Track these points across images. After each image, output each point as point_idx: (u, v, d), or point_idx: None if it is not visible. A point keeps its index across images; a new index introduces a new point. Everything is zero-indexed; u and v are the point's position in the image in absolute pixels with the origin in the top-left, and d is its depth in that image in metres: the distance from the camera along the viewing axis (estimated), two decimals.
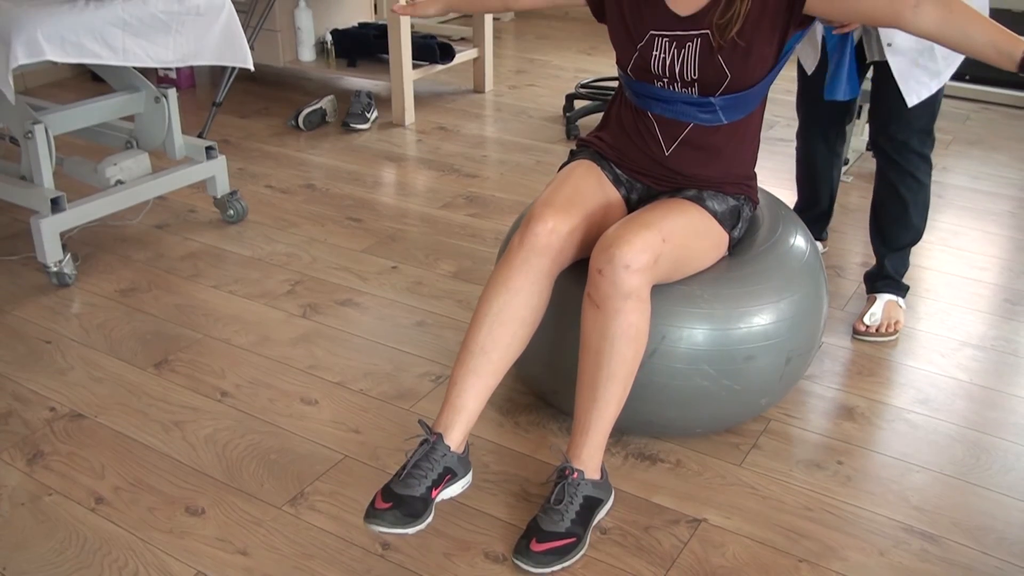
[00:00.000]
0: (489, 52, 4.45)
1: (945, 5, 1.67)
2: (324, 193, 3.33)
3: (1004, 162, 3.64)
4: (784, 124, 3.95)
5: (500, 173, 3.53)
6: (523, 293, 1.79)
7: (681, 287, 1.88)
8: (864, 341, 2.42)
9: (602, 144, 2.04)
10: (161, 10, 2.52)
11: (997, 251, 2.95)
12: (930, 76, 2.24)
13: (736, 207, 1.97)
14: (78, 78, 4.54)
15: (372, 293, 2.64)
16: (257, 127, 4.00)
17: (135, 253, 2.87)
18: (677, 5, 1.87)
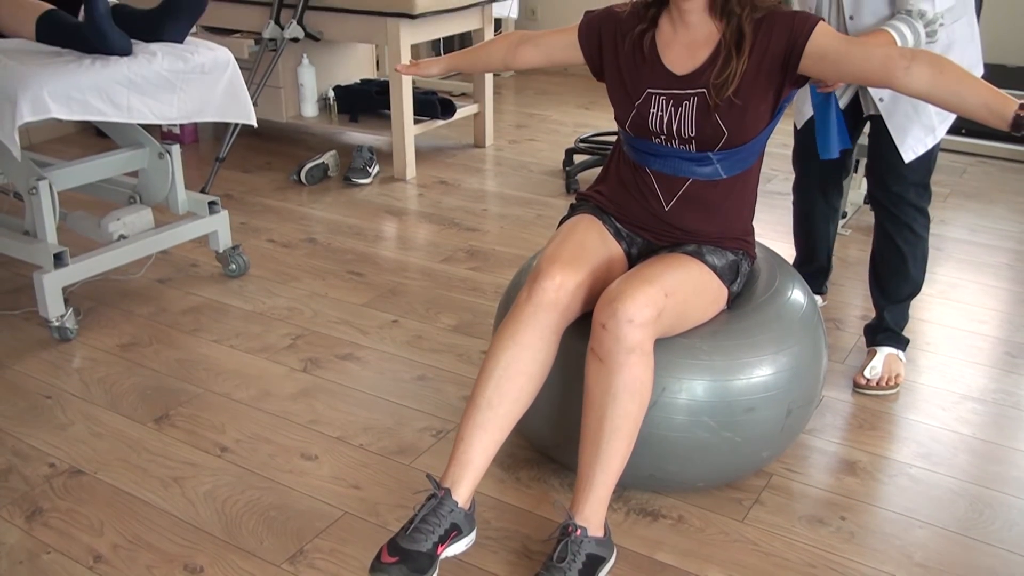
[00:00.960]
0: (489, 107, 4.50)
1: (936, 66, 1.70)
2: (325, 247, 3.35)
3: (1001, 215, 3.67)
4: (782, 178, 3.98)
5: (500, 227, 3.55)
6: (531, 348, 1.80)
7: (681, 339, 1.89)
8: (865, 395, 2.42)
9: (602, 198, 2.07)
10: (166, 69, 2.56)
11: (996, 303, 2.95)
12: (925, 131, 2.27)
13: (735, 262, 1.99)
14: (82, 133, 4.59)
15: (373, 347, 2.65)
16: (260, 181, 4.04)
17: (137, 307, 2.88)
18: (674, 64, 1.90)
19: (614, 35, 1.97)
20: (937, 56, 1.74)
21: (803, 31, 1.79)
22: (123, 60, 2.49)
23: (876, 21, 2.16)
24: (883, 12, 2.16)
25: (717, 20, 1.85)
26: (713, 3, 1.84)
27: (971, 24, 2.28)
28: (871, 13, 2.18)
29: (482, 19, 4.25)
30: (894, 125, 2.27)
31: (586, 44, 2.03)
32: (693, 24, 1.87)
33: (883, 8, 2.16)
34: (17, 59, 2.43)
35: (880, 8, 2.16)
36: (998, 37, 4.38)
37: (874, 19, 2.17)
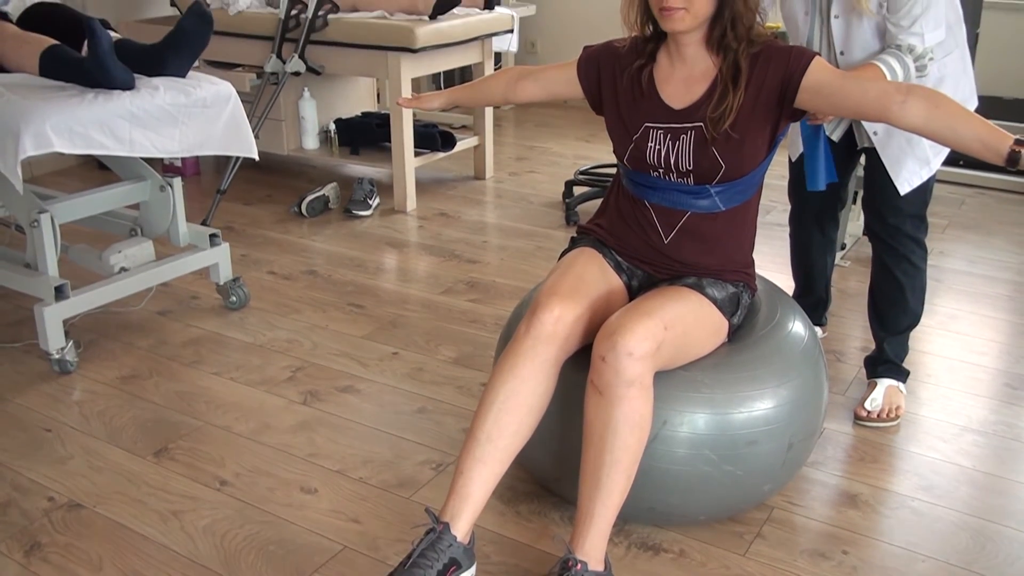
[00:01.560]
0: (489, 140, 4.53)
1: (931, 100, 1.72)
2: (326, 279, 3.36)
3: (1000, 246, 3.68)
4: (781, 209, 3.99)
5: (501, 259, 3.56)
6: (530, 381, 1.80)
7: (682, 372, 1.89)
8: (866, 427, 2.41)
9: (602, 232, 2.07)
10: (168, 103, 2.58)
11: (996, 335, 2.96)
12: (920, 164, 2.28)
13: (735, 294, 1.99)
14: (84, 166, 4.61)
15: (373, 379, 2.65)
16: (261, 214, 4.05)
17: (137, 339, 2.88)
18: (671, 98, 1.91)
19: (612, 70, 1.99)
20: (932, 91, 1.75)
21: (799, 66, 1.80)
22: (125, 94, 2.51)
23: (866, 56, 2.18)
24: (873, 47, 2.18)
25: (714, 55, 1.87)
26: (709, 38, 1.86)
27: (963, 58, 2.31)
28: (861, 49, 2.20)
29: (482, 53, 4.28)
30: (889, 158, 2.28)
31: (585, 79, 2.05)
32: (690, 59, 1.89)
33: (873, 44, 2.18)
34: (20, 93, 2.45)
35: (870, 44, 2.18)
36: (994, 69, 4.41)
37: (864, 54, 2.20)
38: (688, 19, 1.81)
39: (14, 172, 2.34)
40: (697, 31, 1.85)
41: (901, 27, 2.09)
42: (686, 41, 1.87)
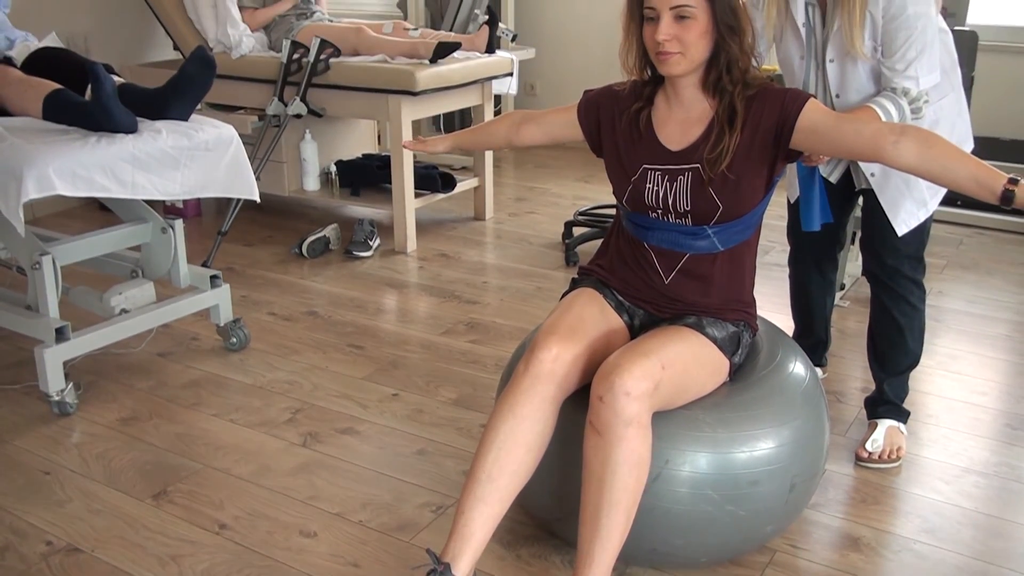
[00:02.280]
0: (489, 181, 4.56)
1: (925, 141, 1.74)
2: (326, 320, 3.36)
3: (999, 286, 3.68)
4: (780, 250, 4.01)
5: (501, 299, 3.57)
6: (529, 420, 1.80)
7: (683, 411, 1.89)
8: (867, 468, 2.40)
9: (603, 272, 2.09)
10: (171, 146, 2.60)
11: (996, 375, 2.95)
12: (917, 205, 2.29)
13: (736, 333, 2.00)
14: (86, 207, 4.63)
15: (373, 421, 2.64)
16: (261, 255, 4.07)
17: (137, 381, 2.88)
18: (669, 140, 1.94)
19: (612, 112, 2.02)
20: (926, 131, 1.78)
21: (794, 107, 1.83)
22: (128, 137, 2.53)
23: (862, 99, 2.20)
24: (869, 90, 2.20)
25: (710, 97, 1.90)
26: (706, 81, 1.89)
27: (959, 101, 2.33)
28: (857, 91, 2.22)
29: (482, 96, 4.32)
30: (886, 199, 2.29)
31: (585, 122, 2.07)
32: (687, 101, 1.92)
33: (869, 86, 2.20)
34: (24, 137, 2.47)
35: (866, 86, 2.21)
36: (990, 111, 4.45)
37: (860, 97, 2.21)
38: (684, 63, 1.84)
39: (16, 215, 2.35)
40: (693, 74, 1.88)
41: (896, 71, 2.11)
42: (683, 84, 1.90)
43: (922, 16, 2.07)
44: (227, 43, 4.25)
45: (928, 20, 2.09)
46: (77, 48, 4.32)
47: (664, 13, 1.80)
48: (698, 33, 1.81)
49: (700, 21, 1.81)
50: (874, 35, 2.13)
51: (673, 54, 1.82)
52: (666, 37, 1.81)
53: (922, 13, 2.07)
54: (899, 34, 2.09)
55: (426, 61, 3.97)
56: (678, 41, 1.81)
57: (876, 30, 2.12)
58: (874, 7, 2.09)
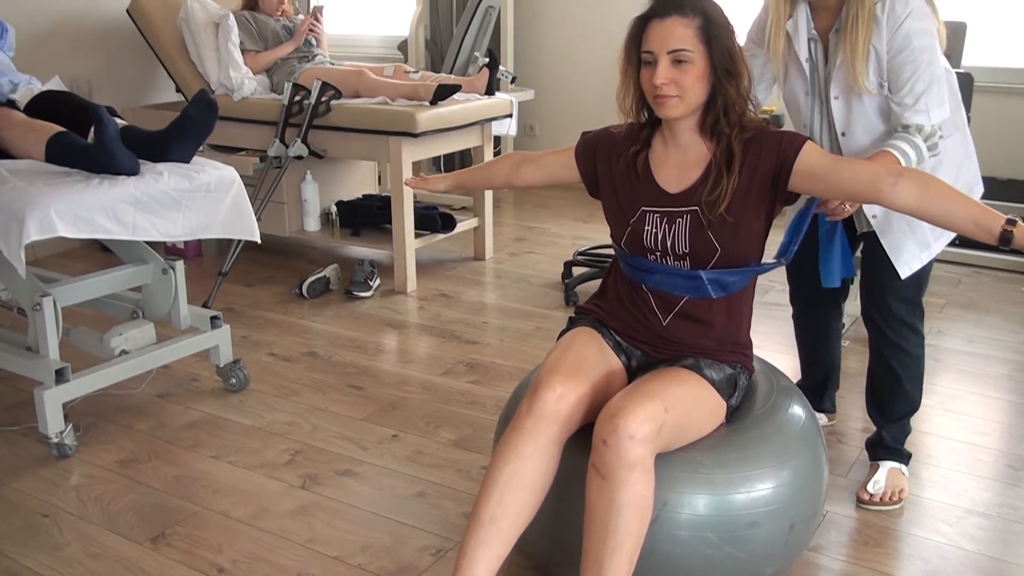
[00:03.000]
0: (489, 221, 4.58)
1: (923, 182, 1.76)
2: (326, 361, 3.36)
3: (998, 325, 3.69)
4: (779, 289, 4.01)
5: (500, 339, 3.57)
6: (532, 460, 1.79)
7: (681, 453, 1.88)
8: (868, 510, 2.39)
9: (601, 312, 2.09)
10: (172, 188, 2.61)
11: (996, 415, 2.95)
12: (920, 247, 2.27)
13: (733, 376, 2.00)
14: (87, 247, 4.65)
15: (372, 463, 2.63)
16: (262, 295, 4.07)
17: (136, 423, 2.87)
18: (667, 182, 1.95)
19: (609, 155, 2.03)
20: (923, 173, 1.79)
21: (791, 150, 1.84)
22: (130, 179, 2.55)
23: (868, 137, 2.19)
24: (876, 128, 2.18)
25: (708, 140, 1.92)
26: (703, 124, 1.90)
27: (964, 143, 2.30)
28: (863, 130, 2.20)
29: (481, 137, 4.36)
30: (888, 241, 2.27)
31: (582, 163, 2.08)
32: (685, 144, 1.93)
33: (876, 124, 2.18)
34: (26, 179, 2.49)
35: (872, 124, 2.18)
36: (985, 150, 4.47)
37: (866, 135, 2.20)
38: (682, 106, 1.85)
39: (18, 257, 2.36)
40: (691, 117, 1.90)
41: (905, 105, 2.07)
42: (680, 127, 1.91)
43: (927, 49, 2.05)
44: (229, 85, 4.30)
45: (934, 53, 2.07)
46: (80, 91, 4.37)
47: (662, 57, 1.82)
48: (695, 77, 1.83)
49: (697, 65, 1.83)
50: (879, 71, 2.10)
51: (671, 97, 1.84)
52: (664, 81, 1.82)
53: (927, 46, 2.05)
54: (905, 68, 2.06)
55: (426, 103, 4.01)
56: (675, 85, 1.83)
57: (881, 65, 2.09)
58: (878, 41, 2.07)
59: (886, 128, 2.17)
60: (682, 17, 1.82)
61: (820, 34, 2.20)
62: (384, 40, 6.50)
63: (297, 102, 4.07)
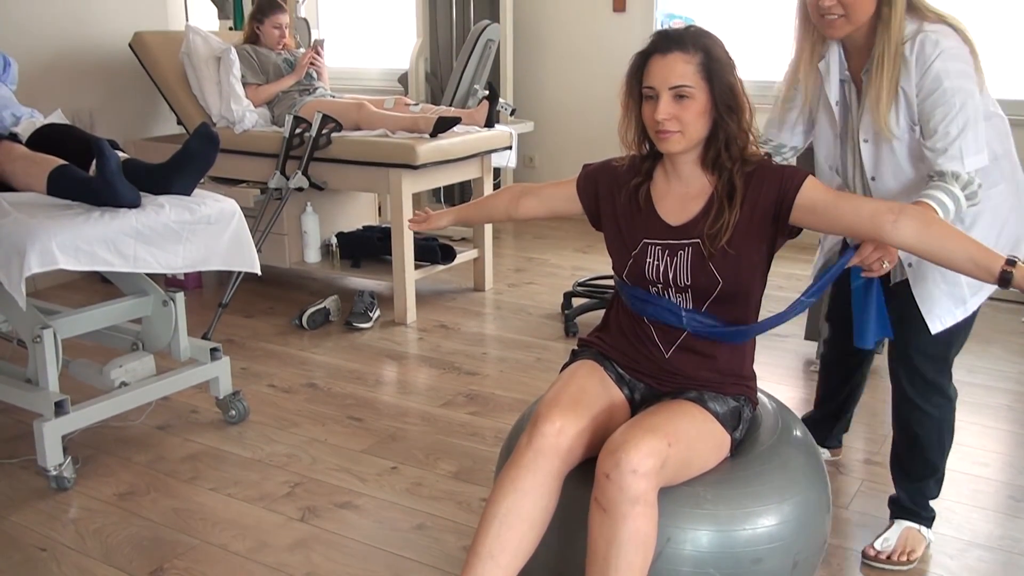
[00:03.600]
0: (489, 252, 4.59)
1: (923, 220, 1.76)
2: (326, 392, 3.35)
3: (998, 355, 3.68)
4: None
5: (500, 371, 3.56)
6: (532, 494, 1.79)
7: (685, 487, 1.87)
8: (872, 567, 2.28)
9: (603, 345, 2.09)
10: (173, 220, 2.62)
11: (997, 446, 2.94)
12: (955, 303, 2.12)
13: (737, 408, 1.99)
14: (87, 279, 4.65)
15: (371, 495, 2.62)
16: (262, 326, 4.07)
17: (135, 455, 2.87)
18: (668, 215, 1.96)
19: (611, 187, 2.04)
20: (924, 211, 1.80)
21: (793, 184, 1.85)
22: (131, 212, 2.56)
23: (898, 182, 2.10)
24: (905, 173, 2.09)
25: (709, 173, 1.92)
26: (705, 158, 1.91)
27: (1016, 193, 2.13)
28: (893, 175, 2.11)
29: (481, 169, 4.37)
30: (921, 293, 2.12)
31: (584, 196, 2.09)
32: (686, 177, 1.94)
33: (906, 170, 2.08)
34: (27, 212, 2.50)
35: (902, 169, 2.09)
36: None
37: (896, 180, 2.10)
38: (683, 141, 1.87)
39: (18, 289, 2.36)
40: (693, 151, 1.91)
41: (937, 150, 1.95)
42: (682, 161, 1.92)
43: (960, 91, 1.95)
44: (230, 118, 4.32)
45: (968, 95, 1.95)
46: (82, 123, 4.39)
47: (663, 92, 1.84)
48: (697, 112, 1.84)
49: (699, 101, 1.84)
50: (910, 113, 2.01)
51: (672, 132, 1.85)
52: (665, 116, 1.84)
53: (959, 88, 1.95)
54: (936, 111, 1.95)
55: (427, 135, 4.03)
56: (677, 120, 1.84)
57: (911, 108, 2.00)
58: (906, 82, 1.98)
59: (917, 174, 2.07)
60: (683, 53, 1.83)
61: (853, 75, 2.13)
62: (385, 73, 6.55)
63: (298, 134, 4.09)
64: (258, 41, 4.54)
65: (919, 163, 2.05)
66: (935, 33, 1.96)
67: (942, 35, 1.96)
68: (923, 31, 1.97)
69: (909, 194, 2.02)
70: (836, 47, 2.13)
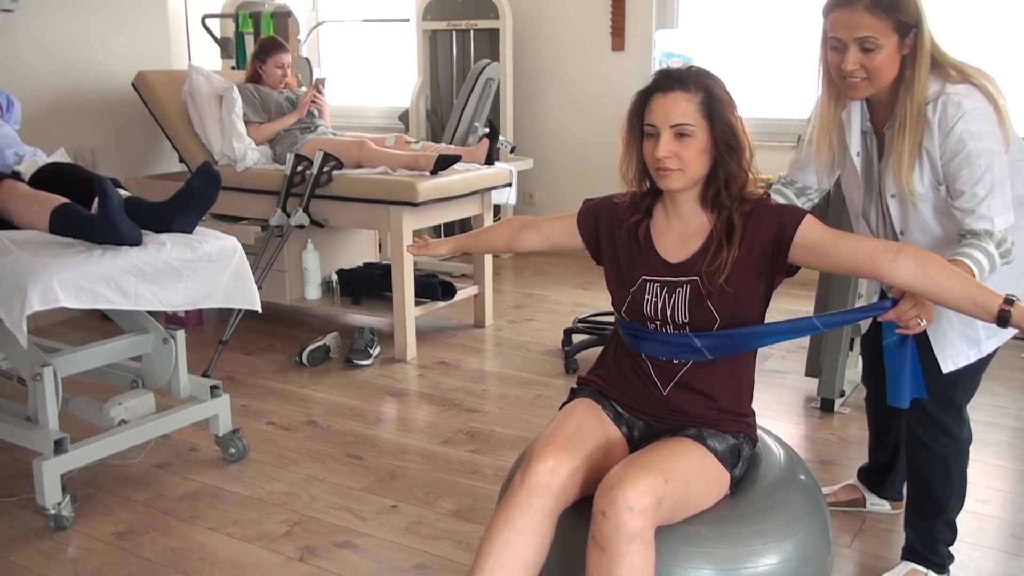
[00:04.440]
0: (489, 288, 4.59)
1: (921, 259, 1.77)
2: (325, 430, 3.35)
3: (998, 391, 3.68)
4: (779, 356, 4.02)
5: (500, 408, 3.56)
6: (525, 533, 1.78)
7: (684, 526, 1.86)
8: None
9: (602, 383, 2.09)
10: (174, 258, 2.63)
11: (999, 483, 2.93)
12: (969, 344, 2.11)
13: (736, 445, 1.99)
14: (87, 316, 4.65)
15: (371, 534, 2.61)
16: (262, 363, 4.07)
17: (134, 493, 2.85)
18: (667, 252, 1.97)
19: (611, 223, 2.05)
20: (922, 250, 1.81)
21: (791, 223, 1.86)
22: (133, 250, 2.57)
23: (927, 238, 2.08)
24: (933, 229, 2.07)
25: (708, 211, 1.94)
26: (704, 196, 1.93)
27: None
28: (921, 231, 2.09)
29: (481, 206, 4.39)
30: (935, 332, 2.08)
31: (584, 231, 2.11)
32: (686, 215, 1.95)
33: (933, 225, 2.07)
34: (29, 250, 2.51)
35: (930, 225, 2.07)
36: None
37: (924, 236, 2.08)
38: (683, 179, 1.88)
39: (19, 328, 2.37)
40: (692, 189, 1.92)
41: (966, 211, 1.93)
42: (682, 199, 1.94)
43: (984, 151, 1.92)
44: (232, 156, 4.35)
45: (993, 155, 1.93)
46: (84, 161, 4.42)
47: (664, 130, 1.86)
48: (697, 151, 1.86)
49: (699, 139, 1.86)
50: (934, 173, 1.99)
51: (672, 170, 1.87)
52: (666, 154, 1.85)
53: (984, 149, 1.92)
54: (962, 172, 1.93)
55: (427, 173, 4.05)
56: (677, 158, 1.86)
57: (936, 168, 1.98)
58: (930, 144, 1.96)
59: (944, 231, 2.05)
60: (685, 92, 1.85)
61: (875, 127, 2.12)
62: (386, 111, 6.61)
63: (299, 172, 4.12)
64: (260, 80, 4.58)
65: (946, 220, 2.04)
66: (957, 95, 1.94)
67: (964, 96, 1.94)
68: (945, 92, 1.95)
69: (939, 250, 1.97)
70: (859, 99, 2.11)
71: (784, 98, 5.21)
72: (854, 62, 1.96)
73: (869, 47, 1.94)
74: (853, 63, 1.96)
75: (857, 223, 2.28)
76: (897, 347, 1.95)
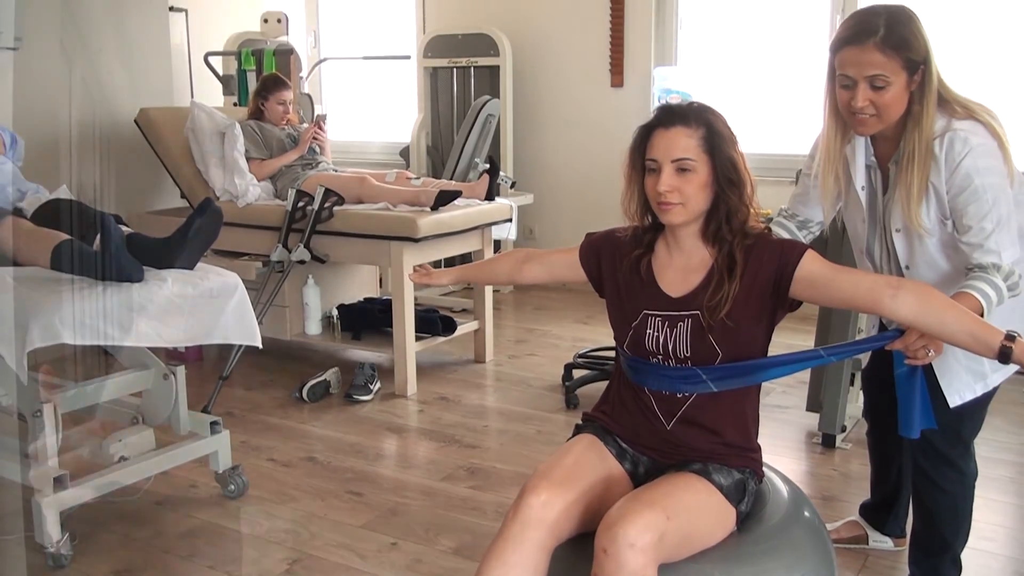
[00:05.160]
0: (489, 323, 4.59)
1: (922, 295, 1.78)
2: (325, 466, 3.33)
3: (1000, 426, 3.66)
4: (780, 391, 4.01)
5: (501, 443, 3.54)
6: (518, 568, 1.77)
7: (691, 564, 1.84)
8: None
9: (606, 419, 2.08)
10: (176, 294, 2.64)
11: (1001, 519, 2.91)
12: (975, 377, 2.11)
13: (742, 481, 1.97)
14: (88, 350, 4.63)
15: (371, 572, 2.59)
16: (262, 399, 4.06)
17: (133, 531, 2.84)
18: (669, 287, 1.97)
19: (613, 257, 2.06)
20: (922, 285, 1.81)
21: (792, 258, 1.87)
22: (134, 286, 2.57)
23: (933, 273, 2.08)
24: (938, 264, 2.08)
25: (710, 246, 1.94)
26: (706, 231, 1.93)
27: None
28: (927, 265, 2.09)
29: (482, 241, 4.41)
30: (941, 365, 2.07)
31: (587, 264, 2.11)
32: (687, 249, 1.96)
33: (938, 260, 2.08)
34: (30, 286, 2.51)
35: (935, 260, 2.08)
36: None
37: (930, 271, 2.09)
38: (684, 213, 1.89)
39: (20, 364, 2.36)
40: (694, 224, 1.93)
41: (973, 245, 1.96)
42: (683, 233, 1.94)
43: (991, 187, 1.95)
44: (234, 192, 4.37)
45: (999, 191, 1.95)
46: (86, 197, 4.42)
47: (666, 165, 1.87)
48: (698, 185, 1.87)
49: (700, 174, 1.87)
50: (941, 208, 2.00)
51: (674, 204, 1.88)
52: (667, 188, 1.86)
53: (990, 184, 1.95)
54: (969, 208, 1.95)
55: (428, 209, 4.07)
56: (679, 192, 1.87)
57: (942, 203, 2.00)
58: (936, 179, 1.98)
59: (950, 265, 2.06)
60: (686, 127, 1.87)
61: (880, 162, 2.13)
62: (386, 147, 6.64)
63: (300, 208, 4.13)
64: (262, 117, 4.61)
65: (952, 254, 2.05)
66: (964, 131, 1.96)
67: (971, 132, 1.96)
68: (952, 128, 1.97)
69: (945, 285, 2.00)
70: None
71: (783, 134, 5.24)
72: (864, 99, 1.97)
73: (879, 85, 1.95)
74: (863, 100, 1.97)
75: (861, 258, 2.28)
76: (907, 378, 1.95)
